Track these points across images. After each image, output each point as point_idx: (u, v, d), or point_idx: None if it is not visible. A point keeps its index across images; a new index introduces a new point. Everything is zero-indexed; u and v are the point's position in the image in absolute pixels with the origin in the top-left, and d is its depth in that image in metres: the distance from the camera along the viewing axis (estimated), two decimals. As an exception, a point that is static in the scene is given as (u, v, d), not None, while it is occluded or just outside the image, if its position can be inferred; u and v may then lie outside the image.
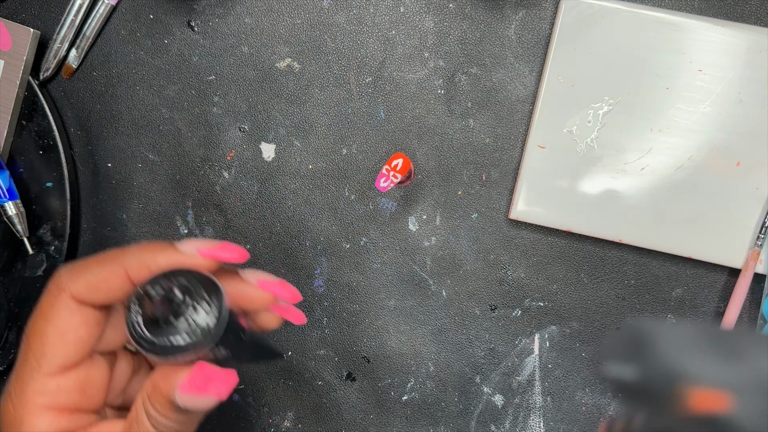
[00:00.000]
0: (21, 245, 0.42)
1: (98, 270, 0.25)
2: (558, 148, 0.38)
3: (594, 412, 0.41)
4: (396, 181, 0.36)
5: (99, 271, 0.25)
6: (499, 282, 0.41)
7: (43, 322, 0.25)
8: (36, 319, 0.25)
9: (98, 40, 0.42)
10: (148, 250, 0.25)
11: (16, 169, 0.42)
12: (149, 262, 0.25)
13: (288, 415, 0.44)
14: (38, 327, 0.25)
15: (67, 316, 0.25)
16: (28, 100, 0.41)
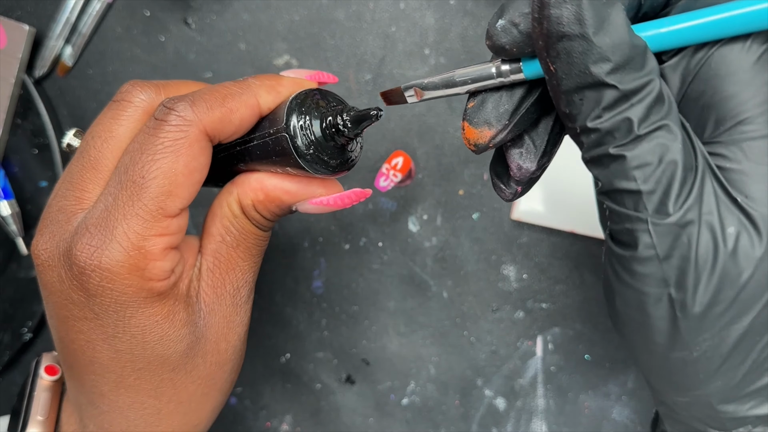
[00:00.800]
0: (15, 245, 0.42)
1: (233, 103, 0.24)
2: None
3: (597, 415, 0.41)
4: (396, 181, 0.36)
5: (234, 104, 0.24)
6: (501, 283, 0.41)
7: (172, 159, 0.23)
8: (157, 152, 0.23)
9: (94, 37, 0.41)
10: (271, 77, 0.25)
11: (11, 168, 0.42)
12: (278, 88, 0.25)
13: (286, 418, 0.43)
14: (164, 164, 0.23)
15: (197, 152, 0.24)
16: (22, 99, 0.41)
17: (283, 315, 0.43)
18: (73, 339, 0.25)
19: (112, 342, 0.25)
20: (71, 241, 0.24)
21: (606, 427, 0.41)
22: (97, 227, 0.23)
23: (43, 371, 0.30)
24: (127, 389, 0.26)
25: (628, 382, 0.40)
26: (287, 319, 0.43)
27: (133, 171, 0.23)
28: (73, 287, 0.24)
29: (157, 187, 0.23)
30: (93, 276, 0.23)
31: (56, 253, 0.25)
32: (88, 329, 0.25)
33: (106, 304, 0.24)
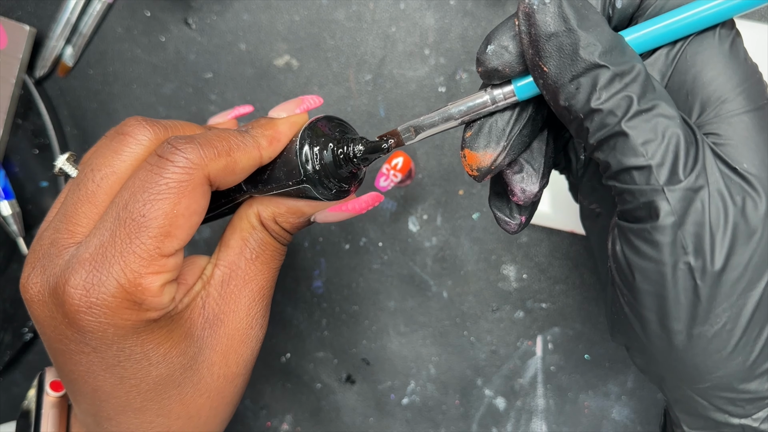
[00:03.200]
0: (16, 245, 0.42)
1: (239, 154, 0.25)
2: (560, 146, 0.38)
3: (597, 415, 0.41)
4: (396, 181, 0.36)
5: (240, 156, 0.25)
6: (501, 283, 0.41)
7: (174, 200, 0.23)
8: (160, 192, 0.23)
9: (94, 37, 0.41)
10: (269, 126, 0.26)
11: (12, 168, 0.42)
12: (279, 137, 0.26)
13: (287, 418, 0.43)
14: (166, 204, 0.23)
15: (200, 196, 0.24)
16: (23, 99, 0.41)
17: (283, 315, 0.43)
18: (72, 370, 0.25)
19: (114, 371, 0.25)
20: (61, 277, 0.23)
21: (606, 426, 0.41)
22: (91, 263, 0.23)
23: (48, 388, 0.29)
24: (135, 412, 0.26)
25: (627, 381, 0.40)
26: (288, 318, 0.43)
27: (134, 208, 0.23)
28: (65, 324, 0.24)
29: (157, 227, 0.23)
30: (88, 313, 0.23)
31: (46, 289, 0.24)
32: (87, 362, 0.24)
33: (104, 339, 0.24)
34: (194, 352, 0.26)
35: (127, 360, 0.24)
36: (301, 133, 0.26)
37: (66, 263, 0.24)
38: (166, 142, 0.24)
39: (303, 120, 0.27)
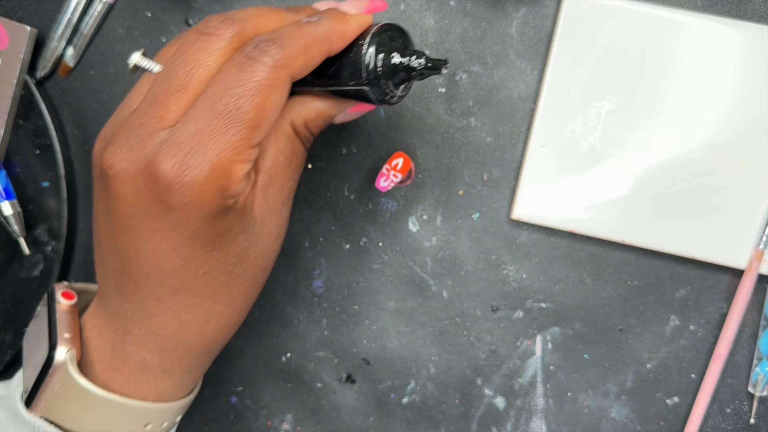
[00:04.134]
0: (17, 245, 0.42)
1: (314, 51, 0.27)
2: (560, 147, 0.38)
3: (597, 415, 0.41)
4: (396, 181, 0.36)
5: (315, 52, 0.27)
6: (501, 283, 0.41)
7: (264, 97, 0.25)
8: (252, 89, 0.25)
9: (95, 38, 0.42)
10: (341, 21, 0.28)
11: (13, 168, 0.42)
12: (346, 32, 0.28)
13: (287, 417, 0.43)
14: (257, 100, 0.25)
15: (283, 93, 0.26)
16: (24, 99, 0.41)
17: (283, 314, 0.43)
18: (138, 248, 0.27)
19: (183, 251, 0.27)
20: (156, 156, 0.25)
21: (605, 426, 0.41)
22: (187, 146, 0.25)
23: (60, 296, 0.31)
24: (186, 293, 0.28)
25: (627, 381, 0.41)
26: (288, 318, 0.43)
27: (228, 101, 0.25)
28: (151, 200, 0.26)
29: (249, 120, 0.25)
30: (178, 192, 0.25)
31: (134, 166, 0.26)
32: (159, 239, 0.26)
33: (185, 218, 0.26)
34: (245, 245, 0.28)
35: (197, 242, 0.27)
36: (371, 36, 0.28)
37: (160, 144, 0.26)
38: (253, 44, 0.26)
39: (369, 21, 0.28)
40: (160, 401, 0.31)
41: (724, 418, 0.40)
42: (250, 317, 0.43)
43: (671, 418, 0.41)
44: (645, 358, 0.40)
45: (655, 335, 0.40)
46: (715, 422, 0.40)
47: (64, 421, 0.29)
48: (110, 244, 0.28)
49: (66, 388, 0.29)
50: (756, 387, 0.39)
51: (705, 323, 0.40)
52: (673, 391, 0.40)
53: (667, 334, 0.40)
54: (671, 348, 0.40)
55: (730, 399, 0.40)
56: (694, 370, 0.40)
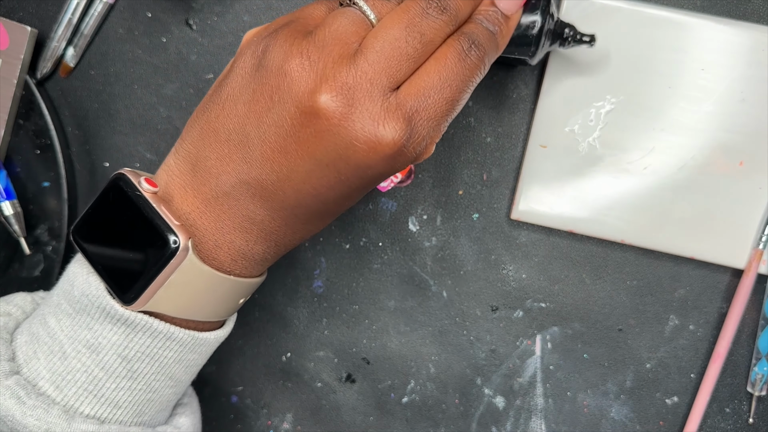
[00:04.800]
0: (18, 245, 0.42)
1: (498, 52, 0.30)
2: (560, 147, 0.38)
3: (596, 414, 0.41)
4: (396, 181, 0.36)
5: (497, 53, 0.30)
6: (501, 283, 0.41)
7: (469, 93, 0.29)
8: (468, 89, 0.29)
9: (96, 38, 0.42)
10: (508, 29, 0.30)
11: (13, 168, 0.42)
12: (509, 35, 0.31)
13: (287, 417, 0.43)
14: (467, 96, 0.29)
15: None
16: (25, 99, 0.41)
17: (283, 314, 0.43)
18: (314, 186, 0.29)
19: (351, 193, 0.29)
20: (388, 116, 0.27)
21: (605, 425, 0.41)
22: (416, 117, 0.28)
23: (144, 183, 0.29)
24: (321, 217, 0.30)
25: (626, 381, 0.41)
26: (288, 318, 0.43)
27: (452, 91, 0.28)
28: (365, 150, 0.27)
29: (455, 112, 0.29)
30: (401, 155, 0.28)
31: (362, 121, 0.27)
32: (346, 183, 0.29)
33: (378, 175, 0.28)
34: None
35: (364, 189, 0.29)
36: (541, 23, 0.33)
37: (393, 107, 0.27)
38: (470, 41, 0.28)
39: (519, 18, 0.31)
40: (251, 276, 0.32)
41: (723, 418, 0.40)
42: (250, 317, 0.43)
43: (670, 418, 0.41)
44: (644, 358, 0.40)
45: (654, 335, 0.40)
46: (714, 422, 0.40)
47: (167, 309, 0.29)
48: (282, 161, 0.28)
49: (182, 275, 0.29)
50: (755, 386, 0.39)
51: (704, 323, 0.40)
52: (672, 391, 0.41)
53: (667, 334, 0.40)
54: (670, 348, 0.40)
55: (729, 398, 0.40)
56: (694, 369, 0.40)
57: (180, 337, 0.30)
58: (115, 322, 0.29)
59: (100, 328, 0.29)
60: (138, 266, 0.28)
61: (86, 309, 0.29)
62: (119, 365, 0.29)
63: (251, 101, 0.28)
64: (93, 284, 0.29)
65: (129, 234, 0.29)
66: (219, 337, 0.33)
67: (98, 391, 0.30)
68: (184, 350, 0.31)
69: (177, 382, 0.32)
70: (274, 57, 0.28)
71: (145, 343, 0.29)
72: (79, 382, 0.29)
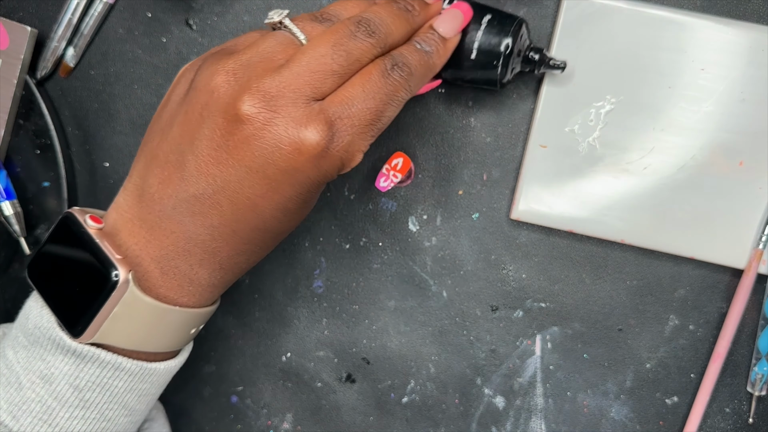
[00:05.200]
0: (18, 245, 0.42)
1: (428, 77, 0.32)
2: (560, 147, 0.38)
3: (596, 414, 0.41)
4: (396, 181, 0.36)
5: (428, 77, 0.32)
6: (501, 283, 0.41)
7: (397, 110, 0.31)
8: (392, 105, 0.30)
9: (96, 38, 0.42)
10: (444, 50, 0.33)
11: (13, 168, 0.42)
12: (446, 55, 0.33)
13: (287, 417, 0.43)
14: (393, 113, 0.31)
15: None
16: (25, 99, 0.41)
17: (283, 314, 0.43)
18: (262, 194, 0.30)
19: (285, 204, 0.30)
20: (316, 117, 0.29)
21: (604, 425, 0.41)
22: (339, 125, 0.29)
23: (90, 221, 0.30)
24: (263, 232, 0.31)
25: (626, 381, 0.41)
26: (288, 318, 0.43)
27: (376, 105, 0.30)
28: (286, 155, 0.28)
29: (384, 123, 0.31)
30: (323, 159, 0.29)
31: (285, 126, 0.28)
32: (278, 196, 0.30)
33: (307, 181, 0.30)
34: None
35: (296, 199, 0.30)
36: (509, 39, 0.34)
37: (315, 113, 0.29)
38: (393, 62, 0.30)
39: (458, 40, 0.33)
40: (200, 306, 0.32)
41: (723, 418, 0.40)
42: (250, 317, 0.43)
43: (670, 418, 0.41)
44: (644, 358, 0.40)
45: (654, 335, 0.40)
46: (714, 422, 0.40)
47: (115, 341, 0.30)
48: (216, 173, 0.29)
49: (126, 307, 0.29)
50: (755, 386, 0.39)
51: (704, 323, 0.40)
52: (672, 391, 0.41)
53: (667, 334, 0.40)
54: (670, 347, 0.40)
55: (729, 398, 0.40)
56: (694, 369, 0.40)
57: (128, 367, 0.31)
58: (65, 354, 0.30)
59: (52, 359, 0.30)
60: (84, 300, 0.29)
61: (39, 341, 0.30)
62: (71, 395, 0.30)
63: (184, 122, 0.29)
64: (45, 317, 0.31)
65: (76, 270, 0.30)
66: (170, 368, 0.33)
67: (53, 420, 0.30)
68: (134, 380, 0.32)
69: (131, 411, 0.33)
70: (202, 77, 0.29)
71: (95, 373, 0.30)
72: (34, 411, 0.30)
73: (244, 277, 0.43)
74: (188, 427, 0.44)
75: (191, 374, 0.44)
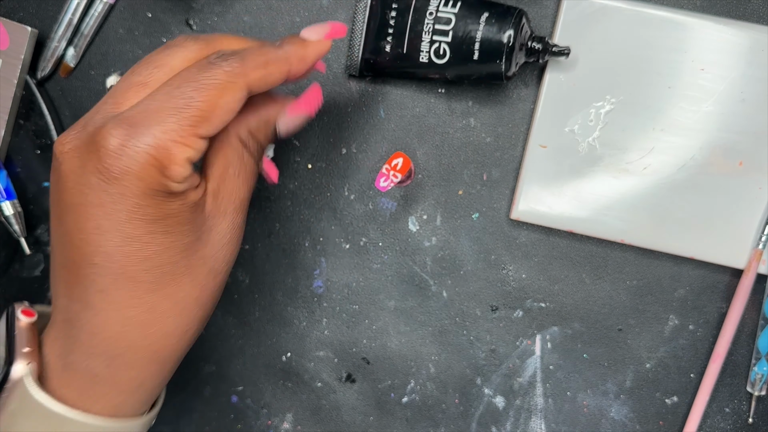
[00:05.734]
0: (18, 245, 0.42)
1: (273, 68, 0.29)
2: (559, 147, 0.38)
3: (596, 414, 0.41)
4: (396, 181, 0.36)
5: (274, 70, 0.29)
6: (501, 283, 0.41)
7: (219, 94, 0.27)
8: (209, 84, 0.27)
9: (96, 38, 0.42)
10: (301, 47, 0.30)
11: (14, 168, 0.42)
12: (306, 58, 0.31)
13: (287, 417, 0.43)
14: (212, 94, 0.27)
15: (237, 98, 0.28)
16: (25, 99, 0.41)
17: (283, 314, 0.43)
18: (81, 227, 0.27)
19: (123, 228, 0.27)
20: (103, 128, 0.26)
21: (604, 425, 0.41)
22: (134, 119, 0.26)
23: (20, 314, 0.30)
24: (127, 281, 0.28)
25: (626, 381, 0.41)
26: (288, 318, 0.43)
27: (185, 90, 0.27)
28: (94, 171, 0.26)
29: (199, 109, 0.27)
30: (119, 159, 0.26)
31: (82, 140, 0.27)
32: (101, 215, 0.27)
33: (126, 188, 0.26)
34: (192, 239, 0.29)
35: (138, 219, 0.27)
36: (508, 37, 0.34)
37: (109, 119, 0.27)
38: (218, 52, 0.28)
39: (328, 47, 0.31)
40: (116, 417, 0.30)
41: (723, 418, 0.40)
42: (250, 317, 0.43)
43: (670, 418, 0.41)
44: (644, 358, 0.40)
45: (654, 335, 0.40)
46: (714, 421, 0.40)
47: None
48: (58, 231, 0.28)
49: (24, 404, 0.28)
50: (754, 386, 0.39)
51: (704, 323, 0.40)
52: (672, 391, 0.41)
53: (666, 334, 0.40)
54: (670, 347, 0.40)
55: (729, 398, 0.40)
56: (693, 369, 0.40)
57: None
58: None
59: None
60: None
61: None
62: None
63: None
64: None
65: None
66: None
67: None
68: None
69: None
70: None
71: None
72: None
73: (243, 277, 0.43)
74: (188, 427, 0.44)
75: (191, 374, 0.44)
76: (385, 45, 0.37)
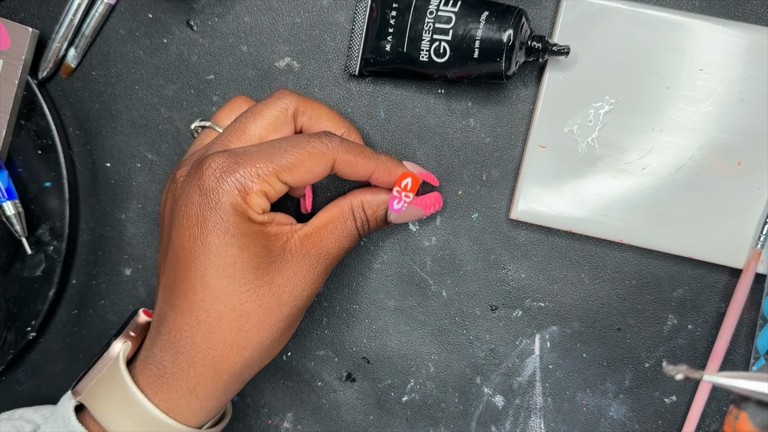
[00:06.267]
0: (19, 245, 0.42)
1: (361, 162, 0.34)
2: (559, 147, 0.38)
3: (595, 413, 0.41)
4: (409, 201, 0.36)
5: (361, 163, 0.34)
6: (500, 282, 0.41)
7: (308, 157, 0.33)
8: (304, 148, 0.33)
9: (97, 39, 0.42)
10: (394, 163, 0.36)
11: (15, 168, 0.42)
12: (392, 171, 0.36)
13: (287, 416, 0.43)
14: (301, 155, 0.32)
15: (323, 168, 0.33)
16: (26, 100, 0.41)
17: (284, 314, 0.43)
18: (180, 235, 0.32)
19: (206, 238, 0.31)
20: (211, 154, 0.32)
21: (603, 424, 0.41)
22: (236, 154, 0.32)
23: (141, 312, 0.35)
24: (204, 287, 0.32)
25: (625, 380, 0.41)
26: (288, 317, 0.43)
27: (284, 145, 0.33)
28: (195, 187, 0.32)
29: (287, 160, 0.32)
30: (214, 179, 0.31)
31: (193, 166, 0.33)
32: (194, 224, 0.32)
33: (215, 204, 0.31)
34: (263, 263, 0.32)
35: (220, 231, 0.31)
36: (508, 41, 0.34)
37: (216, 151, 0.33)
38: (325, 132, 0.34)
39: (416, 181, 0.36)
40: (168, 414, 0.33)
41: (721, 417, 0.41)
42: (250, 316, 0.43)
43: (669, 417, 0.41)
44: (643, 357, 0.41)
45: (653, 334, 0.40)
46: (712, 421, 0.41)
47: (94, 412, 0.33)
48: (169, 244, 0.33)
49: (109, 375, 0.33)
50: (753, 386, 0.39)
51: (703, 322, 0.40)
52: (671, 390, 0.41)
53: (665, 334, 0.40)
54: (669, 347, 0.40)
55: (727, 398, 0.40)
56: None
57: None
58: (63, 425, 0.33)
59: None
60: (94, 359, 0.35)
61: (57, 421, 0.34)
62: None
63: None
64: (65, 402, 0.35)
65: None
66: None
67: None
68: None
69: None
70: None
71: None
72: None
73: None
74: (189, 426, 0.44)
75: (192, 373, 0.44)
76: (386, 44, 0.37)
